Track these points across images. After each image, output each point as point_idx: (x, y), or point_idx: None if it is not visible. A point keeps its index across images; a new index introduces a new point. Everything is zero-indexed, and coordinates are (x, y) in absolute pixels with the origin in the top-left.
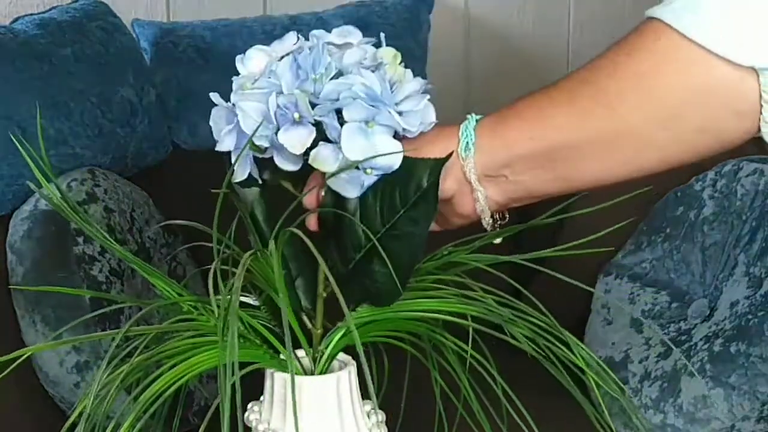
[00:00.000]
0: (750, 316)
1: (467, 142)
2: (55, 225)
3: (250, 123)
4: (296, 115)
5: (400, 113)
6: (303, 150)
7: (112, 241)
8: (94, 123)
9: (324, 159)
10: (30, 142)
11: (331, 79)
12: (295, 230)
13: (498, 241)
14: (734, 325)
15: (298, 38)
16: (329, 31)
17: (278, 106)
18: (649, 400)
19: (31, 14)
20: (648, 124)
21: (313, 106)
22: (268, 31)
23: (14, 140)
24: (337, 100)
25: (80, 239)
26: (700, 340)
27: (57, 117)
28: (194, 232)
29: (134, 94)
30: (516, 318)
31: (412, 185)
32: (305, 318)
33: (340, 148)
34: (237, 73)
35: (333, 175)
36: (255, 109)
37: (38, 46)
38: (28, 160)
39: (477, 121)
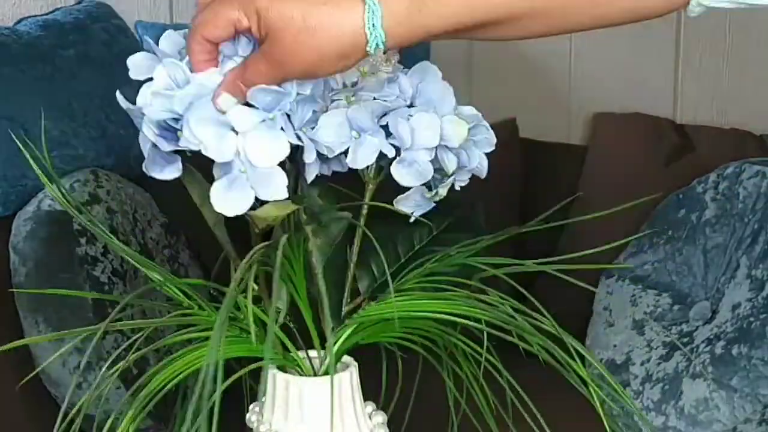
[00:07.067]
0: (752, 319)
1: (377, 44)
2: (58, 226)
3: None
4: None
5: None
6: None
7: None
8: (98, 124)
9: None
10: (33, 143)
11: None
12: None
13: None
14: (736, 328)
15: None
16: None
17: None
18: (651, 403)
19: (35, 16)
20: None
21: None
22: None
23: (16, 140)
24: None
25: (83, 240)
26: (702, 342)
27: (60, 118)
28: (196, 234)
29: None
30: (529, 328)
31: None
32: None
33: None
34: None
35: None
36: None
37: (42, 47)
38: (31, 161)
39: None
